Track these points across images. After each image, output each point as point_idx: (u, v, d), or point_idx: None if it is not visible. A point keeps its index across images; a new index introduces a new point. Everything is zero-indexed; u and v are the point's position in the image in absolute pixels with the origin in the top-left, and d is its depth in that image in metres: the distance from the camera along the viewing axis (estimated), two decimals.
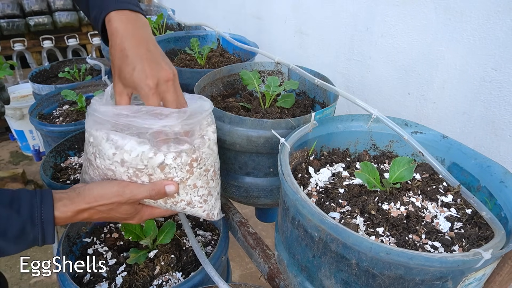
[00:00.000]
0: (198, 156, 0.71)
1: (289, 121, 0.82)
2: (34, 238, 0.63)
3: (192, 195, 0.74)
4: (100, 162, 0.69)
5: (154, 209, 0.75)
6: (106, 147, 0.67)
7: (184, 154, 0.69)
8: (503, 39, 0.82)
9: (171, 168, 0.69)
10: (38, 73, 2.07)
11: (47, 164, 1.31)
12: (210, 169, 0.76)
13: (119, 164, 0.67)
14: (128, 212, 0.71)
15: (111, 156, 0.67)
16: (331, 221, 0.54)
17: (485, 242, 0.60)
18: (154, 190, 0.69)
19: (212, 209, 0.79)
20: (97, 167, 0.70)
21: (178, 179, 0.70)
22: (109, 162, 0.68)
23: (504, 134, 0.86)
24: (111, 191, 0.68)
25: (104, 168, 0.69)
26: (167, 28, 1.80)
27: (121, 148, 0.66)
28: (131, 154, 0.66)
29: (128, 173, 0.68)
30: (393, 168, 0.70)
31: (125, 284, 0.85)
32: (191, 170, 0.71)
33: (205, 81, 1.04)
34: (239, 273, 2.09)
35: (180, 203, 0.74)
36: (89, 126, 0.70)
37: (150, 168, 0.68)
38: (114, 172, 0.69)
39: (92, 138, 0.69)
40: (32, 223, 0.62)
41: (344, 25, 1.25)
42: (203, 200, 0.76)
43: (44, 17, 3.59)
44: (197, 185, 0.73)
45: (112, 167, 0.68)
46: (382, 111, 0.77)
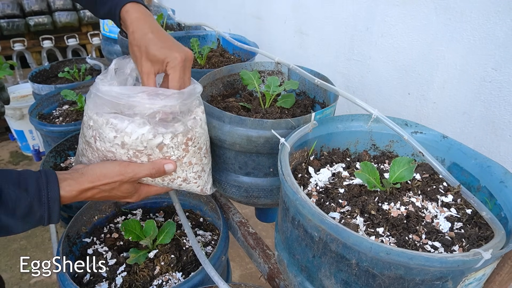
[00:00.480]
0: (192, 135, 0.77)
1: (289, 121, 0.82)
2: (41, 217, 0.65)
3: (187, 172, 0.80)
4: (100, 145, 0.72)
5: (151, 187, 0.80)
6: (107, 131, 0.70)
7: (180, 134, 0.74)
8: (503, 39, 0.81)
9: (168, 148, 0.74)
10: (38, 73, 2.07)
11: (47, 164, 1.31)
12: (203, 147, 0.82)
13: (120, 146, 0.71)
14: (128, 190, 0.75)
15: (112, 139, 0.71)
16: (331, 221, 0.54)
17: (485, 242, 0.60)
18: (154, 169, 0.74)
19: (206, 184, 0.86)
20: (97, 149, 0.74)
21: (175, 157, 0.76)
22: (110, 144, 0.71)
23: (504, 134, 0.86)
24: (113, 171, 0.71)
25: (105, 150, 0.73)
26: (167, 28, 1.80)
27: (122, 131, 0.70)
28: (131, 137, 0.70)
29: (128, 154, 0.72)
30: (393, 168, 0.70)
31: (125, 284, 0.85)
32: (186, 149, 0.76)
33: (205, 81, 1.04)
34: (239, 273, 2.09)
35: (176, 180, 0.79)
36: (89, 109, 0.73)
37: (149, 149, 0.72)
38: (114, 153, 0.73)
39: (92, 121, 0.72)
40: (40, 201, 0.64)
41: (344, 25, 1.25)
42: (197, 176, 0.82)
43: (44, 17, 3.59)
44: (192, 162, 0.79)
45: (112, 149, 0.72)
46: (382, 111, 0.77)
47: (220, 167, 0.97)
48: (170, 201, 1.15)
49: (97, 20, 3.72)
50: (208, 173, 0.86)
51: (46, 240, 2.27)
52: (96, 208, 1.05)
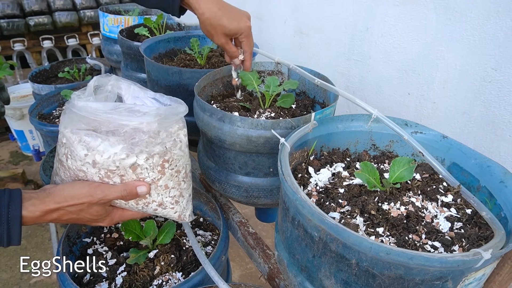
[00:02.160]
0: (170, 157, 0.72)
1: (289, 121, 0.82)
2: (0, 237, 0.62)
3: (163, 196, 0.74)
4: (71, 163, 0.69)
5: (125, 211, 0.76)
6: (78, 148, 0.67)
7: (156, 155, 0.69)
8: (503, 39, 0.81)
9: (142, 169, 0.69)
10: (38, 73, 2.07)
11: (47, 164, 1.31)
12: (182, 170, 0.76)
13: (91, 165, 0.68)
14: (98, 213, 0.71)
15: (83, 157, 0.67)
16: (331, 221, 0.54)
17: (485, 242, 0.60)
18: (125, 191, 0.69)
19: (184, 211, 0.79)
20: (69, 168, 0.70)
21: (150, 179, 0.71)
22: (81, 163, 0.68)
23: (504, 134, 0.86)
24: (81, 192, 0.68)
25: (76, 169, 0.69)
26: (167, 28, 1.80)
27: (93, 150, 0.66)
28: (102, 156, 0.66)
29: (99, 174, 0.68)
30: (393, 168, 0.70)
31: (125, 284, 0.85)
32: (162, 171, 0.71)
33: (205, 81, 1.04)
34: (239, 273, 2.09)
35: (151, 204, 0.74)
36: (63, 125, 0.70)
37: (122, 169, 0.68)
38: (85, 173, 0.69)
39: (64, 139, 0.69)
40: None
41: (344, 25, 1.25)
42: (174, 201, 0.76)
43: (44, 17, 3.59)
44: (168, 185, 0.74)
45: (83, 168, 0.68)
46: (382, 111, 0.77)
47: (220, 167, 0.97)
48: None
49: (97, 20, 3.72)
50: (187, 199, 0.80)
51: (46, 240, 2.27)
52: None
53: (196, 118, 0.95)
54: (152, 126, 0.68)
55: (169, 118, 0.71)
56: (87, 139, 0.67)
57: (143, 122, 0.68)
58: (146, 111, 0.68)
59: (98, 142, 0.66)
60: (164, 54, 1.45)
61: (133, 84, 0.75)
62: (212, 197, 1.06)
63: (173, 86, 1.17)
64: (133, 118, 0.67)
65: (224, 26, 0.87)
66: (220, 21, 0.86)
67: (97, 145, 0.66)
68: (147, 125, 0.68)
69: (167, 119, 0.70)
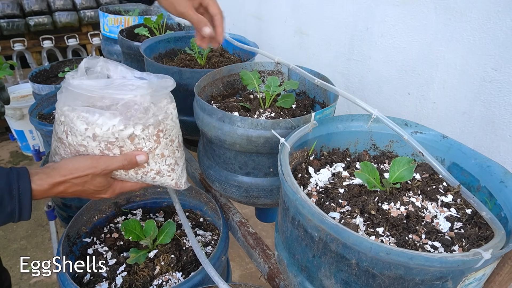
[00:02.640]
0: (164, 127, 0.77)
1: (289, 121, 0.82)
2: (12, 211, 0.64)
3: (160, 164, 0.79)
4: (72, 139, 0.72)
5: (124, 182, 0.79)
6: (78, 124, 0.71)
7: (151, 126, 0.74)
8: (503, 39, 0.81)
9: (140, 139, 0.74)
10: (38, 73, 2.07)
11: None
12: (175, 139, 0.82)
13: (91, 138, 0.71)
14: (102, 184, 0.74)
15: (83, 132, 0.71)
16: (331, 221, 0.54)
17: (485, 242, 0.60)
18: (126, 160, 0.73)
19: (180, 178, 0.84)
20: (69, 145, 0.73)
21: (147, 149, 0.75)
22: (81, 138, 0.71)
23: (504, 134, 0.86)
24: (85, 164, 0.71)
25: (76, 144, 0.73)
26: (167, 28, 1.80)
27: (93, 123, 0.70)
28: (102, 128, 0.70)
29: (100, 147, 0.72)
30: (393, 168, 0.70)
31: (125, 284, 0.85)
32: (158, 140, 0.76)
33: (205, 81, 1.04)
34: (239, 273, 2.09)
35: (150, 172, 0.79)
36: (61, 104, 0.73)
37: (120, 140, 0.72)
38: (86, 147, 0.72)
39: (63, 117, 0.73)
40: (10, 195, 0.63)
41: (344, 25, 1.25)
42: (170, 169, 0.81)
43: (44, 17, 3.59)
44: (164, 154, 0.79)
45: (84, 142, 0.72)
46: (382, 111, 0.77)
47: (220, 167, 0.97)
48: (170, 201, 1.15)
49: (97, 20, 3.72)
50: (181, 168, 0.85)
51: (46, 240, 2.27)
52: (96, 208, 1.05)
53: (196, 118, 0.95)
54: (146, 98, 0.72)
55: (160, 91, 0.75)
56: (85, 114, 0.70)
57: (137, 95, 0.71)
58: (138, 85, 0.72)
59: (96, 117, 0.70)
60: (164, 54, 1.45)
61: (120, 65, 0.79)
62: (212, 197, 1.06)
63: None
64: (127, 92, 0.71)
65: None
66: None
67: (95, 119, 0.70)
68: (141, 97, 0.72)
69: (158, 92, 0.74)
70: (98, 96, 0.71)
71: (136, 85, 0.72)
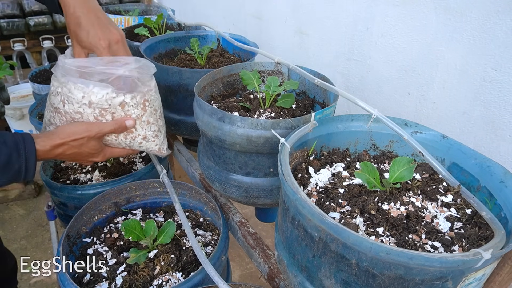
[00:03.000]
0: (149, 97, 0.90)
1: (289, 121, 0.82)
2: (19, 169, 0.72)
3: (146, 130, 0.92)
4: (68, 108, 0.83)
5: (114, 148, 0.91)
6: (75, 92, 0.81)
7: (139, 95, 0.87)
8: (503, 39, 0.81)
9: (129, 106, 0.86)
10: (38, 73, 2.07)
11: (47, 164, 1.31)
12: (158, 109, 0.95)
13: (87, 105, 0.82)
14: (95, 147, 0.84)
15: (80, 99, 0.81)
16: (331, 221, 0.54)
17: (485, 242, 0.60)
18: (117, 124, 0.84)
19: (162, 144, 0.98)
20: (65, 113, 0.84)
21: (135, 115, 0.88)
22: (78, 105, 0.82)
23: (504, 134, 0.86)
24: (81, 128, 0.81)
25: (73, 112, 0.83)
26: (167, 28, 1.80)
27: (89, 92, 0.81)
28: (97, 96, 0.81)
29: (94, 113, 0.83)
30: (393, 168, 0.70)
31: (125, 284, 0.85)
32: (144, 108, 0.89)
33: (205, 81, 1.04)
34: (239, 273, 2.09)
35: (137, 137, 0.91)
36: (58, 77, 0.83)
37: (113, 107, 0.84)
38: (82, 114, 0.83)
39: (60, 88, 0.83)
40: (18, 153, 0.72)
41: (344, 25, 1.25)
42: (155, 135, 0.95)
43: (44, 17, 3.59)
44: (149, 121, 0.92)
45: (80, 109, 0.82)
46: (382, 111, 0.77)
47: (220, 167, 0.97)
48: (170, 201, 1.15)
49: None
50: (163, 135, 0.99)
51: (46, 240, 2.27)
52: (96, 208, 1.05)
53: (196, 118, 0.95)
54: (134, 73, 0.84)
55: (144, 68, 0.87)
56: (81, 85, 0.81)
57: (126, 69, 0.83)
58: (126, 61, 0.83)
59: (92, 86, 0.81)
60: (164, 54, 1.45)
61: None
62: (212, 197, 1.06)
63: (173, 86, 1.17)
64: (118, 67, 0.82)
65: (78, 36, 0.80)
66: (76, 30, 0.79)
67: (91, 88, 0.81)
68: (130, 72, 0.83)
69: (144, 69, 0.87)
70: (91, 72, 0.81)
71: (124, 61, 0.83)
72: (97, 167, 1.31)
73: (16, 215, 2.47)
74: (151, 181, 1.13)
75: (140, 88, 0.87)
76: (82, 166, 1.33)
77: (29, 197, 2.62)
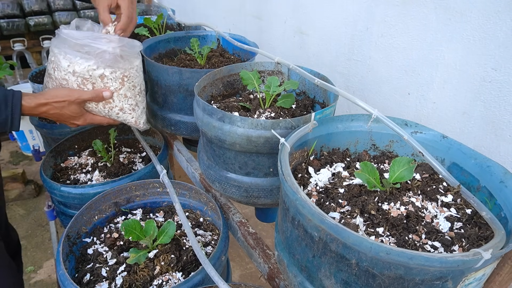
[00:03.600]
0: (128, 74, 1.02)
1: (289, 121, 0.82)
2: (6, 118, 0.87)
3: (123, 103, 1.04)
4: (57, 74, 0.98)
5: (95, 116, 1.05)
6: (63, 62, 0.96)
7: (118, 71, 0.99)
8: (503, 39, 0.81)
9: (108, 79, 0.99)
10: (38, 73, 2.07)
11: (47, 164, 1.31)
12: (137, 86, 1.07)
13: (71, 74, 0.97)
14: (76, 111, 0.98)
15: (66, 68, 0.96)
16: (331, 221, 0.54)
17: (485, 242, 0.60)
18: (95, 93, 0.98)
19: (139, 118, 1.11)
20: (55, 78, 0.99)
21: (113, 88, 1.01)
22: (64, 73, 0.97)
23: (504, 134, 0.86)
24: (63, 93, 0.96)
25: (60, 78, 0.98)
26: (167, 28, 1.80)
27: (74, 62, 0.95)
28: (80, 66, 0.96)
29: (77, 82, 0.98)
30: (393, 168, 0.70)
31: (125, 284, 0.85)
32: (122, 83, 1.01)
33: (205, 81, 1.04)
34: (239, 273, 2.09)
35: (114, 108, 1.04)
36: (53, 46, 0.98)
37: (93, 78, 0.98)
38: (67, 81, 0.98)
39: (53, 57, 0.98)
40: (6, 104, 0.86)
41: (344, 25, 1.25)
42: (132, 108, 1.07)
43: (44, 17, 3.59)
44: (127, 95, 1.04)
45: (66, 77, 0.97)
46: (382, 111, 0.77)
47: (220, 167, 0.97)
48: (170, 201, 1.15)
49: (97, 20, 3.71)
50: (141, 111, 1.11)
51: (46, 240, 2.28)
52: (96, 208, 1.05)
53: (196, 118, 0.95)
54: (116, 50, 0.97)
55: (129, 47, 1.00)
56: (69, 56, 0.95)
57: (109, 47, 0.96)
58: (111, 39, 0.98)
59: (78, 58, 0.95)
60: (164, 54, 1.45)
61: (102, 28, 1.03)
62: (212, 197, 1.06)
63: (173, 86, 1.17)
64: (103, 44, 0.96)
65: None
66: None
67: (77, 59, 0.95)
68: (113, 49, 0.97)
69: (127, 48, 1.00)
70: (81, 44, 0.95)
71: (110, 39, 0.97)
72: (97, 167, 1.31)
73: (16, 215, 2.47)
74: (151, 181, 1.13)
75: (121, 64, 0.99)
76: (82, 166, 1.33)
77: (29, 197, 2.62)
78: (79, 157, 1.39)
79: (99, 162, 1.33)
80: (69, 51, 0.95)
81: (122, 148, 1.47)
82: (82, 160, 1.36)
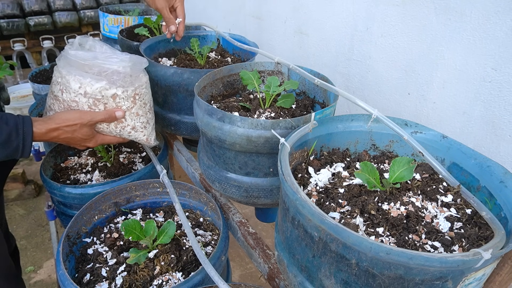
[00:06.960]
0: (139, 92, 1.01)
1: (289, 121, 0.82)
2: (17, 146, 0.83)
3: (135, 121, 1.03)
4: (66, 96, 0.94)
5: (105, 136, 1.02)
6: (73, 83, 0.92)
7: (130, 89, 0.98)
8: (503, 39, 0.82)
9: (120, 98, 0.97)
10: (38, 73, 2.07)
11: (47, 164, 1.30)
12: (147, 103, 1.06)
13: (82, 95, 0.93)
14: (87, 134, 0.95)
15: (77, 89, 0.93)
16: (331, 221, 0.54)
17: (485, 242, 0.60)
18: (107, 114, 0.95)
19: (150, 135, 1.10)
20: (63, 101, 0.95)
21: (125, 107, 0.98)
22: (74, 94, 0.93)
23: (504, 134, 0.86)
24: (74, 116, 0.92)
25: (69, 100, 0.94)
26: None
27: (85, 84, 0.92)
28: (92, 87, 0.93)
29: (88, 103, 0.94)
30: (393, 168, 0.70)
31: (125, 284, 0.85)
32: (134, 101, 1.00)
33: (205, 81, 1.04)
34: (239, 273, 2.09)
35: (127, 127, 1.02)
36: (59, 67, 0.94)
37: (105, 98, 0.95)
38: (77, 103, 0.94)
39: (60, 78, 0.94)
40: (17, 132, 0.82)
41: (344, 25, 1.25)
42: (143, 126, 1.06)
43: (44, 17, 3.59)
44: (139, 113, 1.03)
45: (76, 98, 0.93)
46: (382, 111, 0.77)
47: (220, 167, 0.97)
48: (170, 201, 1.15)
49: (97, 20, 3.72)
50: (152, 127, 1.10)
51: (46, 240, 2.27)
52: (96, 208, 1.05)
53: (196, 118, 0.95)
54: (127, 69, 0.96)
55: (137, 65, 0.99)
56: (79, 77, 0.92)
57: (120, 66, 0.94)
58: (121, 58, 0.95)
59: (88, 79, 0.92)
60: (164, 54, 1.45)
61: (105, 45, 1.02)
62: (212, 197, 1.06)
63: (173, 86, 1.17)
64: (113, 63, 0.94)
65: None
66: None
67: (87, 81, 0.92)
68: (123, 68, 0.95)
69: (136, 65, 0.98)
70: (90, 65, 0.92)
71: (120, 58, 0.95)
72: (97, 167, 1.31)
73: (16, 215, 2.47)
74: (151, 181, 1.13)
75: (132, 83, 0.97)
76: (82, 166, 1.33)
77: (29, 197, 2.62)
78: (79, 157, 1.39)
79: (99, 162, 1.33)
80: (79, 72, 0.92)
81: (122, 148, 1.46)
82: (82, 160, 1.36)
